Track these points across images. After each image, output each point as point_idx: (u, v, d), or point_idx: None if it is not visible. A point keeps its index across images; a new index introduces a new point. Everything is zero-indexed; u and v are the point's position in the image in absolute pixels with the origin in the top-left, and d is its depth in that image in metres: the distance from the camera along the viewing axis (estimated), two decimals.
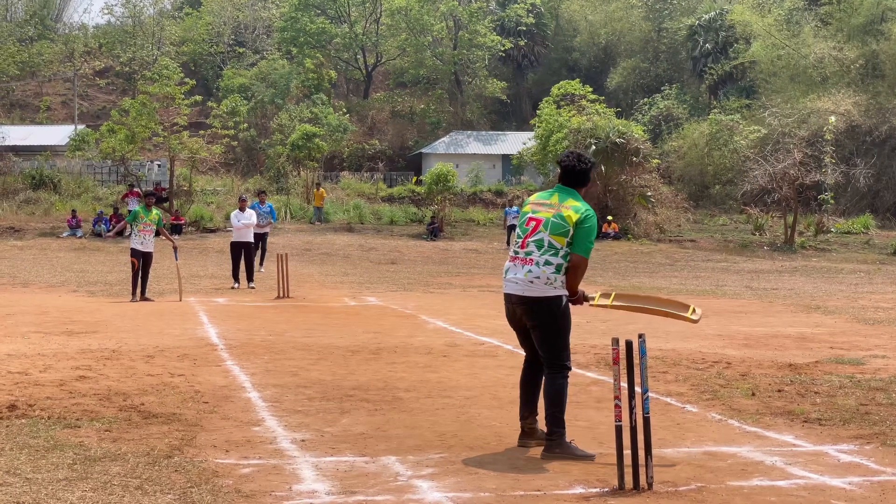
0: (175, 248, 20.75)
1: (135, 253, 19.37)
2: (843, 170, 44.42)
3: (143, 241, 19.47)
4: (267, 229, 25.56)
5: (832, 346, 13.41)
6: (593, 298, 7.55)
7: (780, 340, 13.95)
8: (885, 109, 49.26)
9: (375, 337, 13.95)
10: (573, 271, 7.19)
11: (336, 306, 18.91)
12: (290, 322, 15.81)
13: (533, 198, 7.60)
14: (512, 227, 38.86)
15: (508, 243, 38.56)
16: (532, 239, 7.28)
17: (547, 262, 7.18)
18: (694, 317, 7.71)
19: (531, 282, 7.21)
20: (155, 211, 20.09)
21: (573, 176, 7.44)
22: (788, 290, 23.84)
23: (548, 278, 7.17)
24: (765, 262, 35.48)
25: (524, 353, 7.71)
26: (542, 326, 7.29)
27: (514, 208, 40.50)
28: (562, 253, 7.17)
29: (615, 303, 7.59)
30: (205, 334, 14.09)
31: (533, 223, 7.32)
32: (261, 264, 25.51)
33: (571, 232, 7.17)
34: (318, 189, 45.67)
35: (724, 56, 59.76)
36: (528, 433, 7.52)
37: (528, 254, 7.27)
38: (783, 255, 37.80)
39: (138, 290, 19.12)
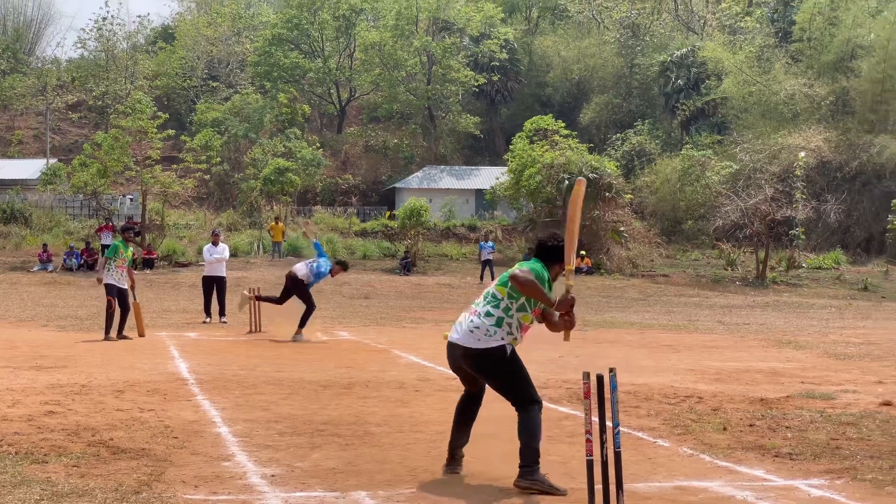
0: (132, 287, 18.64)
1: (111, 290, 17.95)
2: (814, 205, 44.73)
3: (120, 276, 18.17)
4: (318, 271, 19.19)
5: (803, 380, 13.45)
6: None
7: (751, 375, 13.99)
8: (855, 146, 49.71)
9: (347, 371, 13.90)
10: (523, 286, 7.12)
11: (308, 341, 18.83)
12: (261, 357, 15.73)
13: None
14: (486, 262, 38.91)
15: (482, 278, 38.60)
16: (484, 292, 7.47)
17: (488, 314, 7.29)
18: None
19: (471, 331, 7.30)
20: (131, 247, 18.91)
21: (544, 251, 7.61)
22: (760, 324, 23.93)
23: (487, 330, 7.23)
24: (737, 297, 35.61)
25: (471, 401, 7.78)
26: (491, 377, 7.36)
27: (490, 243, 40.49)
28: (503, 305, 7.26)
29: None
30: (175, 369, 14.00)
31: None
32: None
33: (510, 283, 7.22)
34: (276, 223, 45.03)
35: (695, 92, 60.14)
36: (456, 460, 7.64)
37: (475, 304, 7.46)
38: (755, 290, 37.96)
39: (114, 330, 17.91)
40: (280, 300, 19.39)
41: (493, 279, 36.67)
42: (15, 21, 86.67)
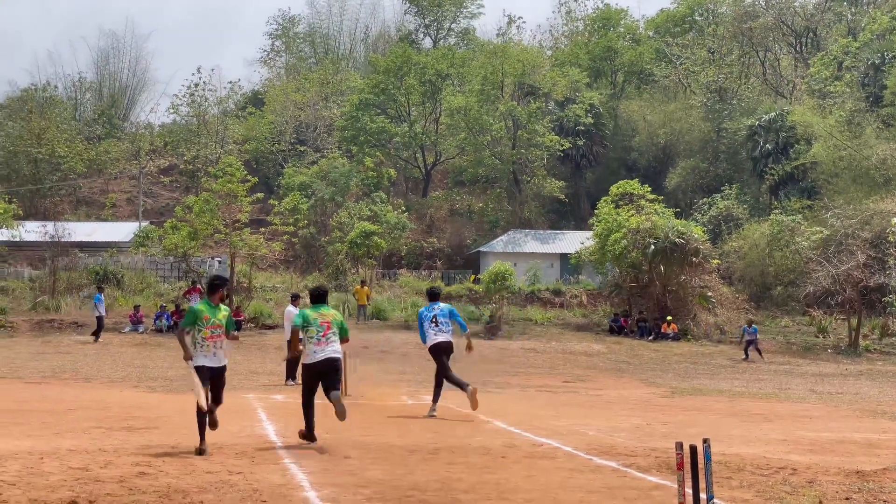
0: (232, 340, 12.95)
1: (202, 374, 12.23)
2: None
3: (216, 350, 12.42)
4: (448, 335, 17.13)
5: None
6: None
7: (846, 446, 13.66)
8: None
9: (433, 436, 13.85)
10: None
11: (394, 405, 18.84)
12: (347, 420, 15.73)
13: (312, 311, 13.41)
14: (751, 342, 37.09)
15: (746, 355, 36.96)
16: (331, 332, 13.17)
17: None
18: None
19: (338, 351, 13.23)
20: (224, 309, 12.82)
21: (320, 297, 13.74)
22: (854, 394, 23.41)
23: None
24: (829, 365, 34.93)
25: (315, 393, 13.31)
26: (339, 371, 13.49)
27: (753, 327, 38.22)
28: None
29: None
30: (263, 432, 14.08)
31: (326, 325, 13.17)
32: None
33: (342, 325, 13.40)
34: (361, 286, 45.35)
35: (784, 157, 59.51)
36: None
37: (329, 339, 13.15)
38: (848, 359, 37.21)
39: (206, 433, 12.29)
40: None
41: (760, 354, 34.93)
42: (111, 87, 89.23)
